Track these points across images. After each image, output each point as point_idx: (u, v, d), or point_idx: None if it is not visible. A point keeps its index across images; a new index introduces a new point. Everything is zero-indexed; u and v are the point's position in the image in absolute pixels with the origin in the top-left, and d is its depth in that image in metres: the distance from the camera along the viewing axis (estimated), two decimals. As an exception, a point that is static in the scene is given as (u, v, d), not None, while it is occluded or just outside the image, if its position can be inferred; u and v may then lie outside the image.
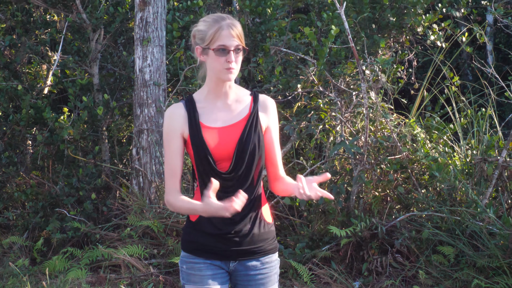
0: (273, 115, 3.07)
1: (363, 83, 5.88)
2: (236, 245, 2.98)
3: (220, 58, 2.89)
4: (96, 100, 7.65)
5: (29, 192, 7.22)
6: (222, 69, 2.90)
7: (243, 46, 2.93)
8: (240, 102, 3.02)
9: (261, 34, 7.74)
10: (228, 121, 2.98)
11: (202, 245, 2.99)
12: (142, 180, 7.02)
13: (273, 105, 3.08)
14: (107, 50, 8.44)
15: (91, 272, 6.26)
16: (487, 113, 6.72)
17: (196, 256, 3.00)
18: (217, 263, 3.01)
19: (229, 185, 2.94)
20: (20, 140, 7.78)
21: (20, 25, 7.98)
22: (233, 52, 2.89)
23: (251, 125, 2.97)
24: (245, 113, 3.00)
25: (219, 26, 2.89)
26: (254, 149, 2.95)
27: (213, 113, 2.99)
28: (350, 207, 6.05)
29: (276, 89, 6.68)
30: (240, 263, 3.02)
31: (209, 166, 2.93)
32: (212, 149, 2.92)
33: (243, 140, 2.94)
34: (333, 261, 5.88)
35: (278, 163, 3.07)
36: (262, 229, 3.03)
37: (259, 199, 3.03)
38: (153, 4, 7.04)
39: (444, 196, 5.96)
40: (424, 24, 6.81)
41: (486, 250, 5.47)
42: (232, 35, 2.88)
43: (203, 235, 2.98)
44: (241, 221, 2.97)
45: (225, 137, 2.95)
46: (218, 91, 2.99)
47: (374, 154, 6.14)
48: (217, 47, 2.88)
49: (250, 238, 2.99)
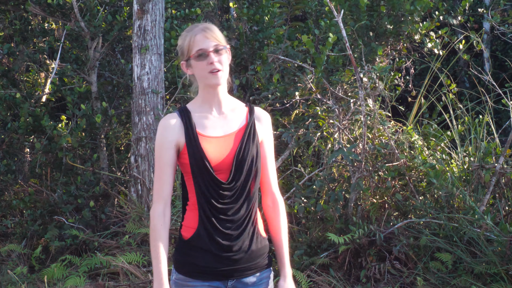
0: (268, 128, 3.03)
1: (361, 91, 5.90)
2: (235, 263, 2.91)
3: (202, 63, 2.84)
4: (94, 108, 7.66)
5: (27, 200, 7.22)
6: (207, 74, 2.85)
7: (223, 45, 2.87)
8: (235, 111, 2.97)
9: (259, 42, 7.76)
10: (226, 130, 2.92)
11: (200, 267, 2.89)
12: (141, 188, 7.02)
13: (268, 119, 3.05)
14: (105, 58, 8.47)
15: (90, 279, 6.25)
16: (484, 120, 6.74)
17: (193, 278, 2.90)
18: (215, 284, 2.91)
19: (227, 196, 2.88)
20: (18, 148, 7.79)
21: (18, 33, 8.01)
22: (212, 53, 2.83)
23: (249, 135, 2.93)
24: (242, 123, 2.95)
25: (192, 34, 2.86)
26: (253, 160, 2.91)
27: (209, 122, 2.92)
28: (348, 214, 6.05)
29: (274, 96, 6.70)
30: (238, 281, 2.95)
31: (208, 176, 2.86)
32: (211, 158, 2.86)
33: (242, 149, 2.89)
34: (331, 268, 5.88)
35: (271, 177, 3.02)
36: (259, 244, 2.98)
37: (255, 213, 2.98)
38: (151, 12, 7.06)
39: (441, 203, 5.97)
40: (421, 32, 6.84)
41: (484, 257, 5.48)
42: (207, 37, 2.84)
43: (200, 255, 2.89)
44: (240, 237, 2.91)
45: (224, 146, 2.89)
46: (211, 99, 2.93)
47: (372, 161, 6.15)
48: (196, 53, 2.84)
49: (248, 255, 2.93)
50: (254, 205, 2.96)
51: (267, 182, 3.02)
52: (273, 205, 3.04)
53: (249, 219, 2.94)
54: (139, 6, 7.04)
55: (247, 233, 2.93)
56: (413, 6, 6.63)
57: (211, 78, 2.85)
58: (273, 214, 3.04)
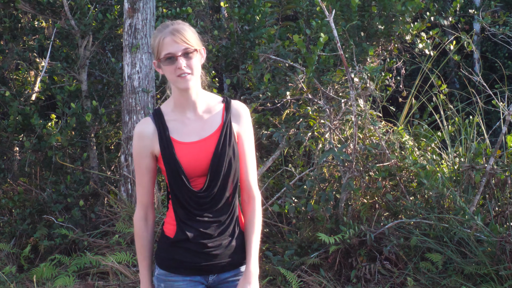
0: (245, 122, 2.95)
1: (352, 91, 5.90)
2: (216, 258, 2.91)
3: (170, 67, 2.78)
4: (84, 107, 7.63)
5: (17, 199, 7.17)
6: (175, 78, 2.78)
7: (193, 48, 2.80)
8: (211, 111, 2.90)
9: (250, 41, 7.76)
10: (201, 134, 2.86)
11: (181, 262, 2.90)
12: (131, 187, 7.00)
13: (246, 112, 2.96)
14: (96, 57, 8.43)
15: (79, 279, 6.22)
16: (475, 121, 6.76)
17: (175, 273, 2.91)
18: (196, 278, 2.92)
19: (204, 202, 2.86)
20: (8, 147, 7.75)
21: (8, 31, 7.96)
22: (181, 57, 2.76)
23: (225, 137, 2.86)
24: (217, 123, 2.88)
25: (161, 36, 2.79)
26: (230, 163, 2.86)
27: (184, 127, 2.86)
28: (339, 214, 6.05)
29: (265, 96, 6.69)
30: (218, 276, 2.96)
31: (182, 184, 2.83)
32: (185, 166, 2.81)
33: (218, 155, 2.83)
34: (321, 268, 5.88)
35: (250, 172, 2.96)
36: (240, 239, 2.97)
37: (235, 211, 2.96)
38: (142, 11, 7.04)
39: (432, 203, 5.99)
40: (412, 32, 6.85)
41: (474, 257, 5.50)
42: (176, 41, 2.76)
43: (181, 251, 2.89)
44: (221, 235, 2.90)
45: (199, 152, 2.84)
46: (184, 102, 2.86)
47: (363, 162, 6.15)
48: (164, 57, 2.78)
49: (229, 250, 2.93)
50: (234, 204, 2.94)
51: (244, 177, 2.96)
52: (248, 200, 3.00)
53: (230, 219, 2.93)
54: (130, 5, 7.02)
55: (228, 231, 2.92)
56: (404, 7, 6.64)
57: (179, 82, 2.79)
58: (247, 209, 3.00)
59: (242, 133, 2.94)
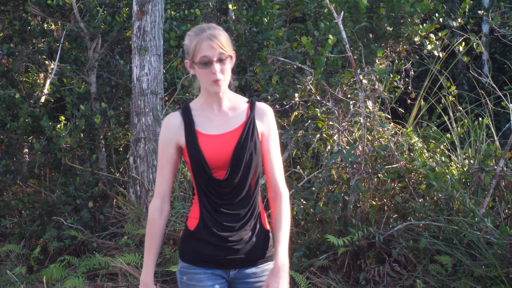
0: (270, 123, 3.04)
1: (361, 92, 5.90)
2: (237, 253, 2.97)
3: (205, 71, 2.89)
4: (93, 109, 7.65)
5: (26, 200, 7.20)
6: (208, 82, 2.90)
7: (228, 54, 2.91)
8: (236, 109, 3.01)
9: (258, 43, 7.76)
10: (224, 128, 2.98)
11: (202, 255, 2.98)
12: (139, 189, 7.01)
13: (270, 112, 3.06)
14: (105, 59, 8.45)
15: (88, 280, 6.24)
16: (484, 123, 6.74)
17: (196, 266, 2.98)
18: (217, 272, 2.99)
19: (225, 193, 2.95)
20: (17, 149, 7.78)
21: (18, 33, 8.00)
22: (216, 62, 2.88)
23: (248, 132, 2.96)
24: (241, 120, 2.99)
25: (199, 39, 2.88)
26: (251, 156, 2.95)
27: (209, 121, 2.99)
28: (347, 216, 6.05)
29: (273, 98, 6.69)
30: (239, 271, 3.01)
31: (205, 174, 2.93)
32: (208, 156, 2.92)
33: (239, 147, 2.93)
34: (330, 270, 5.87)
35: (276, 170, 3.04)
36: (261, 236, 3.03)
37: (257, 207, 3.03)
38: (150, 13, 7.06)
39: (441, 205, 5.97)
40: (421, 34, 6.83)
41: (484, 260, 5.48)
42: (212, 46, 2.86)
43: (203, 244, 2.97)
44: (241, 229, 2.97)
45: (221, 144, 2.94)
46: (211, 100, 2.99)
47: (371, 163, 6.14)
48: (200, 60, 2.88)
49: (250, 245, 2.99)
50: (256, 199, 3.02)
51: (270, 175, 3.04)
52: (275, 197, 3.05)
53: (251, 213, 3.00)
54: (139, 7, 7.04)
55: (249, 225, 2.99)
56: (413, 8, 6.63)
57: (212, 86, 2.91)
58: (274, 206, 3.05)
59: (266, 132, 3.03)
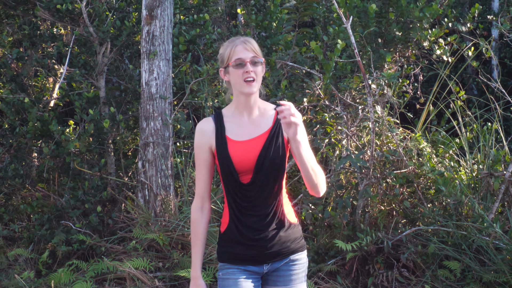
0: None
1: (369, 97, 5.89)
2: (266, 249, 3.20)
3: (238, 71, 3.13)
4: (102, 113, 7.67)
5: (35, 205, 7.22)
6: (241, 82, 3.13)
7: (260, 58, 3.15)
8: (264, 116, 3.24)
9: (267, 48, 7.76)
10: (252, 134, 3.19)
11: (234, 254, 3.23)
12: (148, 193, 7.02)
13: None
14: (114, 64, 8.48)
15: (96, 284, 6.25)
16: (493, 128, 6.72)
17: (232, 264, 3.24)
18: (250, 268, 3.23)
19: (250, 195, 3.17)
20: (26, 153, 7.80)
21: (27, 38, 8.03)
22: (249, 63, 3.12)
23: (272, 138, 3.18)
24: (268, 126, 3.21)
25: (234, 44, 3.17)
26: (274, 161, 3.14)
27: (239, 128, 3.21)
28: (356, 221, 6.03)
29: (282, 102, 6.67)
30: (272, 265, 3.24)
31: (232, 178, 3.16)
32: (236, 162, 3.14)
33: (264, 153, 3.14)
34: (338, 275, 5.86)
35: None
36: (288, 230, 3.24)
37: (281, 205, 3.24)
38: (159, 18, 7.07)
39: (450, 210, 5.95)
40: (430, 39, 6.82)
41: (493, 265, 5.45)
42: (246, 48, 3.15)
43: (233, 245, 3.22)
44: (267, 228, 3.19)
45: (248, 150, 3.16)
46: (244, 106, 3.21)
47: (380, 168, 6.13)
48: (234, 61, 3.13)
49: (277, 241, 3.21)
50: (280, 199, 3.22)
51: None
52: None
53: (274, 212, 3.20)
54: (148, 12, 7.06)
55: (274, 224, 3.21)
56: (422, 13, 6.62)
57: (245, 86, 3.13)
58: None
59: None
